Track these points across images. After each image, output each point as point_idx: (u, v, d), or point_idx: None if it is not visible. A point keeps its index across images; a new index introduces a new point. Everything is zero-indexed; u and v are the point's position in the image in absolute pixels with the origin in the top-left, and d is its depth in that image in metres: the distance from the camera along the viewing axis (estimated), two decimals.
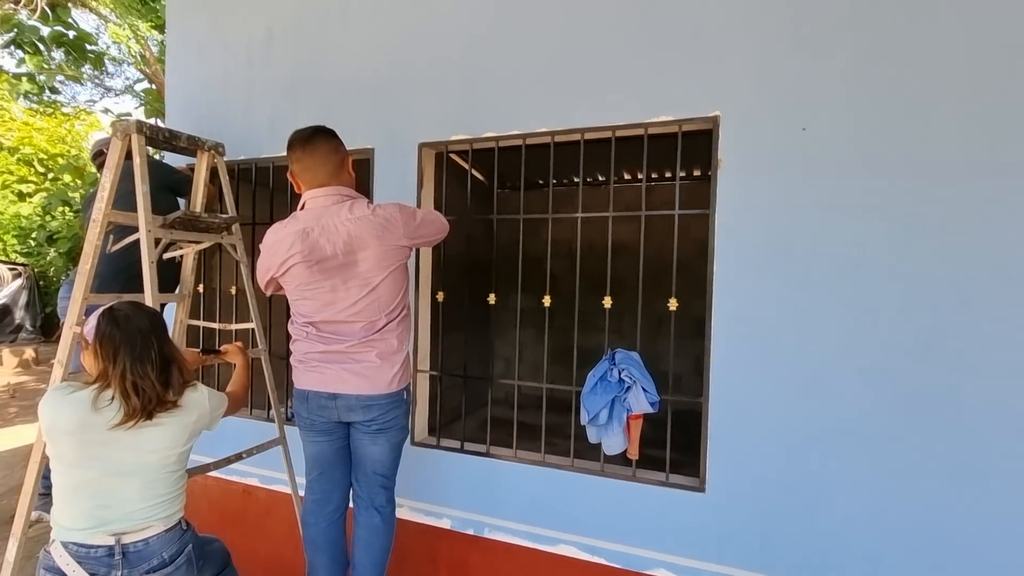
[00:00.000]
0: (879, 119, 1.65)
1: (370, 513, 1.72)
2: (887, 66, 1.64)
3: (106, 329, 1.28)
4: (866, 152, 1.66)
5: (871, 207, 1.65)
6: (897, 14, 1.64)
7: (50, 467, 1.30)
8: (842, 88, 1.69)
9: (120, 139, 1.81)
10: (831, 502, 1.69)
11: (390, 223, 1.64)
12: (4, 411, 6.48)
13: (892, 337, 1.63)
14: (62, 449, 1.24)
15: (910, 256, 1.61)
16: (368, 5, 2.39)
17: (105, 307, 1.35)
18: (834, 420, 1.68)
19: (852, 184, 1.67)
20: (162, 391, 1.30)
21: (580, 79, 2.01)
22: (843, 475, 1.67)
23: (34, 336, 11.20)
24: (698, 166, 4.15)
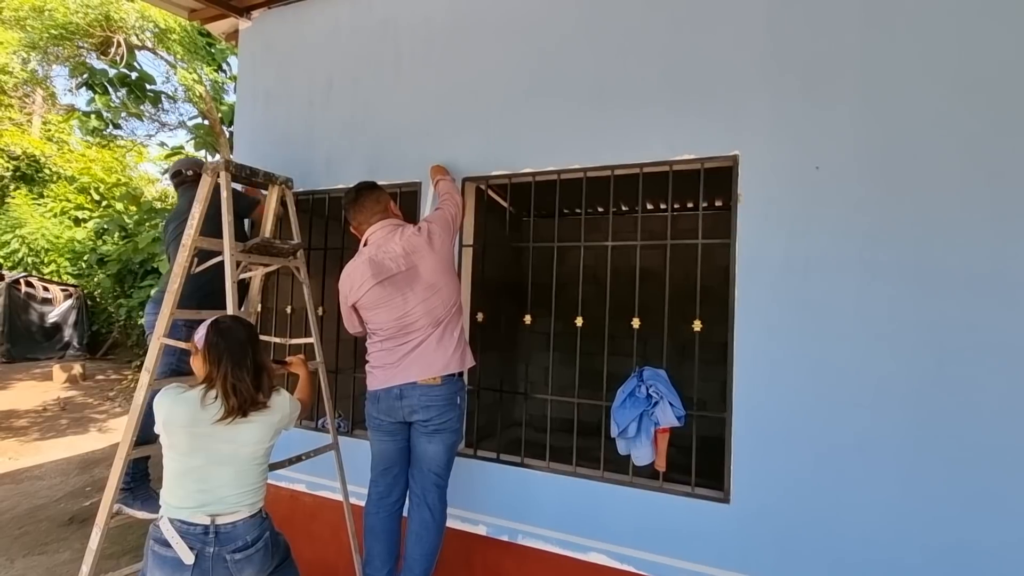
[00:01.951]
0: (886, 157, 1.82)
1: (423, 510, 1.92)
2: (892, 110, 1.82)
3: (213, 338, 1.52)
4: (874, 188, 1.82)
5: (881, 238, 1.80)
6: (901, 63, 1.82)
7: (164, 455, 1.51)
8: (851, 131, 1.87)
9: (210, 175, 2.09)
10: (851, 515, 1.79)
11: (432, 231, 2.05)
12: (56, 423, 6.87)
13: (906, 357, 1.75)
14: (176, 440, 1.47)
15: (919, 281, 1.75)
16: (419, 59, 2.69)
17: (212, 319, 1.59)
18: (851, 436, 1.80)
19: (862, 217, 1.83)
20: (255, 393, 1.52)
21: (610, 122, 2.24)
22: (861, 490, 1.78)
23: (81, 353, 11.81)
24: (720, 197, 4.31)
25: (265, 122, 3.14)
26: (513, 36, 2.47)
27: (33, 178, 13.55)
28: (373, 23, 2.83)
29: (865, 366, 1.79)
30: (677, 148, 2.12)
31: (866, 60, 1.87)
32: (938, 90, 1.77)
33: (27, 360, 10.91)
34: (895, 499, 1.74)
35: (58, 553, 3.31)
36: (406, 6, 2.75)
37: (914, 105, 1.80)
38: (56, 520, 3.82)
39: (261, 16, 3.22)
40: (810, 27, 1.95)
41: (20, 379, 9.36)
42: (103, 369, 10.63)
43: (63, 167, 13.80)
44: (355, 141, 2.83)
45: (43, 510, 4.02)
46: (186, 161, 2.82)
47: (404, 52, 2.73)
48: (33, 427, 6.59)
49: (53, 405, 7.70)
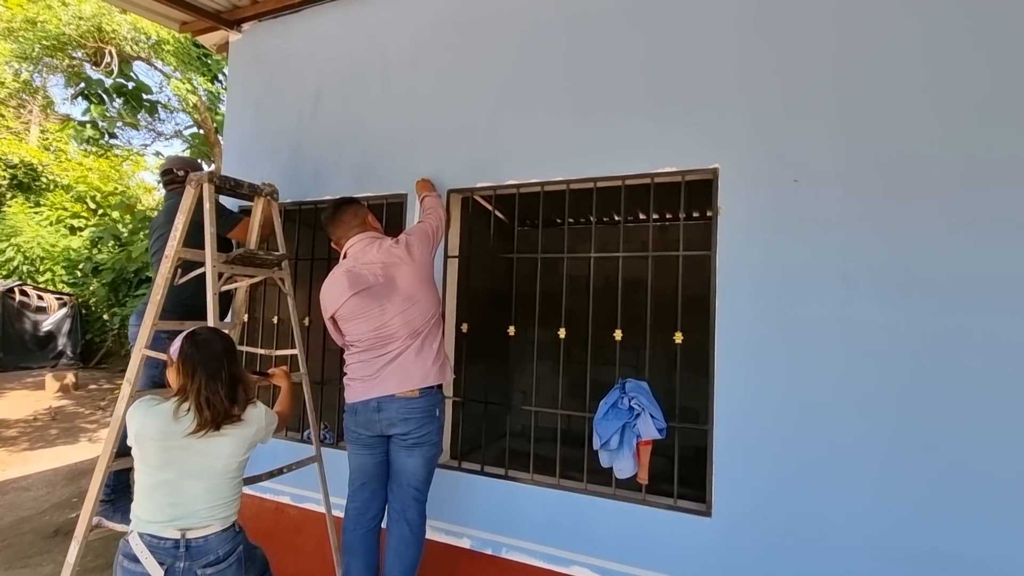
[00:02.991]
0: (863, 168, 1.83)
1: (402, 525, 1.90)
2: (869, 121, 1.84)
3: (188, 350, 1.51)
4: (852, 199, 1.84)
5: (860, 248, 1.81)
6: (878, 74, 1.84)
7: (135, 468, 1.50)
8: (829, 143, 1.89)
9: (194, 187, 2.10)
10: (833, 528, 1.78)
11: (411, 243, 2.05)
12: (46, 433, 6.82)
13: (886, 367, 1.76)
14: (147, 452, 1.45)
15: (899, 291, 1.76)
16: (405, 72, 2.71)
17: (188, 331, 1.58)
18: (833, 447, 1.80)
19: (841, 228, 1.84)
20: (229, 406, 1.51)
21: (593, 135, 2.25)
22: (844, 501, 1.77)
23: (74, 362, 11.74)
24: (702, 208, 4.34)
25: (255, 133, 3.15)
26: (498, 51, 2.50)
27: (30, 186, 13.56)
28: (361, 37, 2.85)
29: (846, 376, 1.80)
30: (659, 161, 2.13)
31: (843, 72, 1.89)
32: (915, 101, 1.79)
33: (20, 369, 10.84)
34: (878, 510, 1.73)
35: (41, 567, 3.26)
36: (393, 21, 2.78)
37: (891, 116, 1.82)
38: (41, 532, 3.78)
39: (251, 29, 3.25)
40: (788, 40, 1.98)
41: (12, 388, 9.30)
42: (96, 378, 10.57)
43: (60, 176, 13.82)
44: (343, 152, 2.84)
45: (28, 522, 3.98)
46: (177, 160, 2.75)
47: (391, 65, 2.75)
48: (22, 437, 6.53)
49: (44, 415, 7.65)
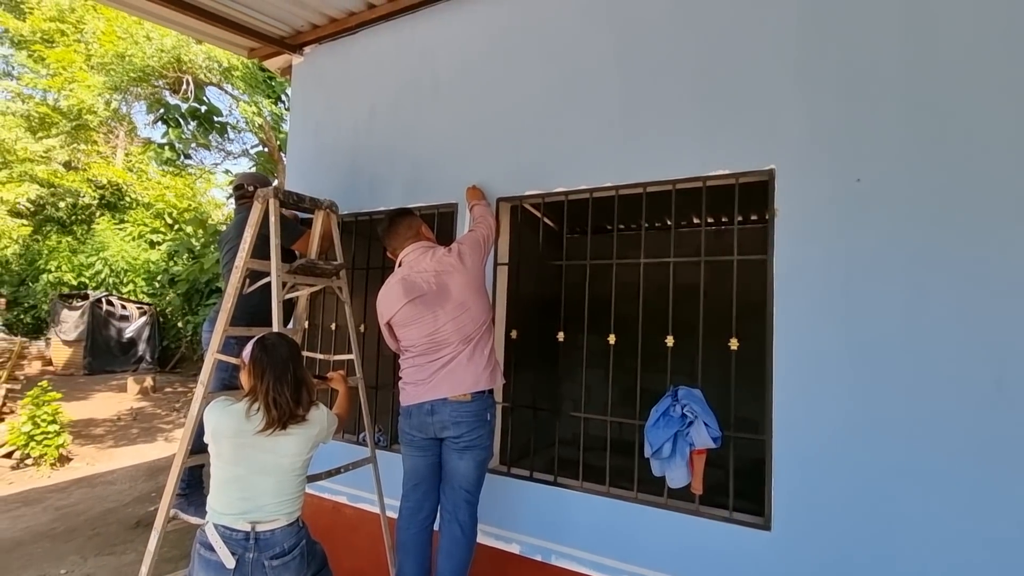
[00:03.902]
0: (932, 165, 1.72)
1: (453, 526, 1.95)
2: (939, 118, 1.73)
3: (258, 354, 1.63)
4: (920, 199, 1.73)
5: (930, 253, 1.70)
6: (947, 69, 1.73)
7: (211, 463, 1.62)
8: (895, 140, 1.79)
9: (261, 202, 2.24)
10: (903, 548, 1.67)
11: (463, 251, 2.12)
12: (128, 431, 7.40)
13: (962, 378, 1.63)
14: (222, 449, 1.57)
15: (974, 297, 1.64)
16: (455, 85, 2.80)
17: (259, 337, 1.70)
18: (903, 462, 1.69)
19: (909, 230, 1.74)
20: (294, 407, 1.61)
21: (642, 140, 2.24)
22: (915, 520, 1.66)
23: (152, 367, 12.71)
24: (757, 212, 4.18)
25: (315, 150, 3.34)
26: (545, 60, 2.53)
27: (116, 205, 14.88)
28: (412, 53, 2.97)
29: (916, 387, 1.69)
30: (711, 164, 2.09)
31: (908, 64, 1.79)
32: (989, 92, 1.68)
33: (105, 372, 11.85)
34: (953, 531, 1.61)
35: (124, 554, 3.54)
36: (442, 36, 2.87)
37: (963, 109, 1.70)
38: (124, 523, 4.10)
39: (312, 52, 3.45)
40: (845, 35, 1.90)
41: (99, 390, 10.16)
42: (171, 382, 11.39)
43: (142, 194, 15.09)
44: (395, 165, 2.96)
45: (113, 513, 4.33)
46: (248, 176, 2.94)
47: (442, 80, 2.85)
48: (108, 435, 7.12)
49: (126, 415, 8.31)
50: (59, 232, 14.19)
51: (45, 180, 12.85)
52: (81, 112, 11.78)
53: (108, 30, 8.96)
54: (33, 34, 12.47)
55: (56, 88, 12.37)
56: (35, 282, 13.14)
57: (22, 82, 13.26)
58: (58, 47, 11.93)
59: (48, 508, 4.41)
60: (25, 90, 13.26)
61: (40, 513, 4.29)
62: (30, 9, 12.34)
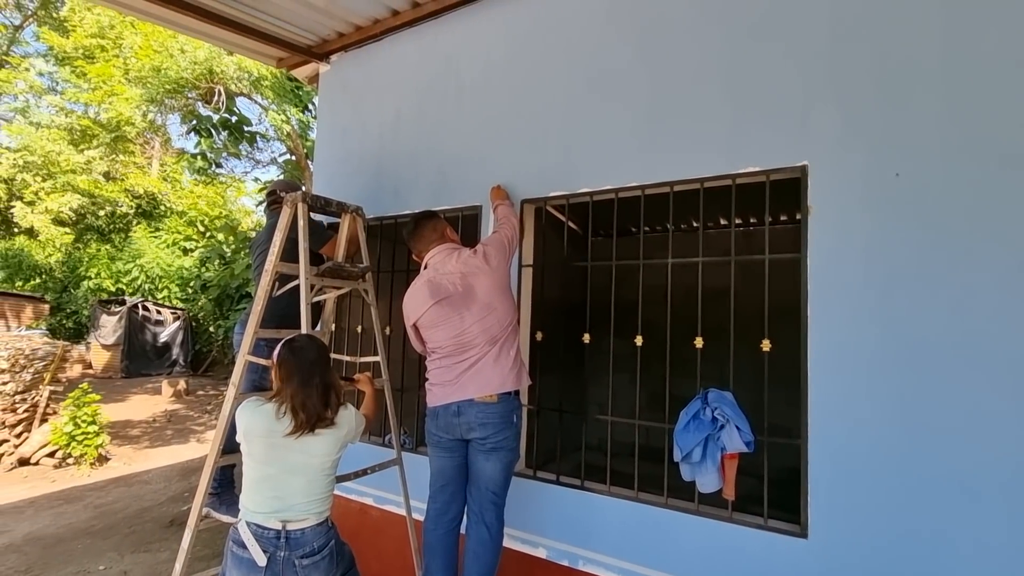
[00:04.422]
0: (977, 158, 1.65)
1: (480, 528, 1.94)
2: (986, 108, 1.66)
3: (284, 355, 1.65)
4: (965, 194, 1.66)
5: (977, 248, 1.63)
6: (993, 56, 1.66)
7: (243, 463, 1.65)
8: (936, 132, 1.72)
9: (290, 206, 2.28)
10: (950, 557, 1.58)
11: (488, 253, 2.12)
12: (163, 433, 7.63)
13: (1010, 383, 1.55)
14: (254, 448, 1.59)
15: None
16: (478, 88, 2.81)
17: (288, 338, 1.73)
18: (952, 467, 1.60)
19: (954, 225, 1.66)
20: (322, 410, 1.62)
21: (668, 138, 2.21)
22: (964, 528, 1.57)
23: (186, 370, 13.09)
24: (789, 211, 4.08)
25: (342, 155, 3.39)
26: (568, 60, 2.52)
27: (151, 213, 15.45)
28: (436, 58, 3.00)
29: (960, 392, 1.61)
30: (740, 161, 2.04)
31: (950, 53, 1.72)
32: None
33: (141, 376, 12.25)
34: (1007, 542, 1.52)
35: (159, 552, 3.64)
36: (466, 40, 2.89)
37: (1005, 99, 1.62)
38: (159, 522, 4.22)
39: (338, 59, 3.52)
40: (880, 26, 1.83)
41: (135, 392, 10.51)
42: (203, 385, 11.70)
43: (175, 203, 15.63)
44: (420, 169, 2.98)
45: (149, 512, 4.45)
46: (282, 183, 2.95)
47: (465, 83, 2.86)
48: (144, 436, 7.35)
49: (160, 417, 8.56)
50: (99, 240, 14.79)
51: (86, 190, 13.43)
52: (120, 124, 12.30)
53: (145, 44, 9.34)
54: (75, 50, 13.09)
55: (96, 102, 12.95)
56: (76, 288, 13.71)
57: (65, 97, 13.91)
58: (98, 62, 12.49)
59: (88, 506, 4.57)
60: (68, 104, 13.91)
61: (80, 511, 4.45)
62: (73, 27, 12.96)
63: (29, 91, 14.84)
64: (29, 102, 14.67)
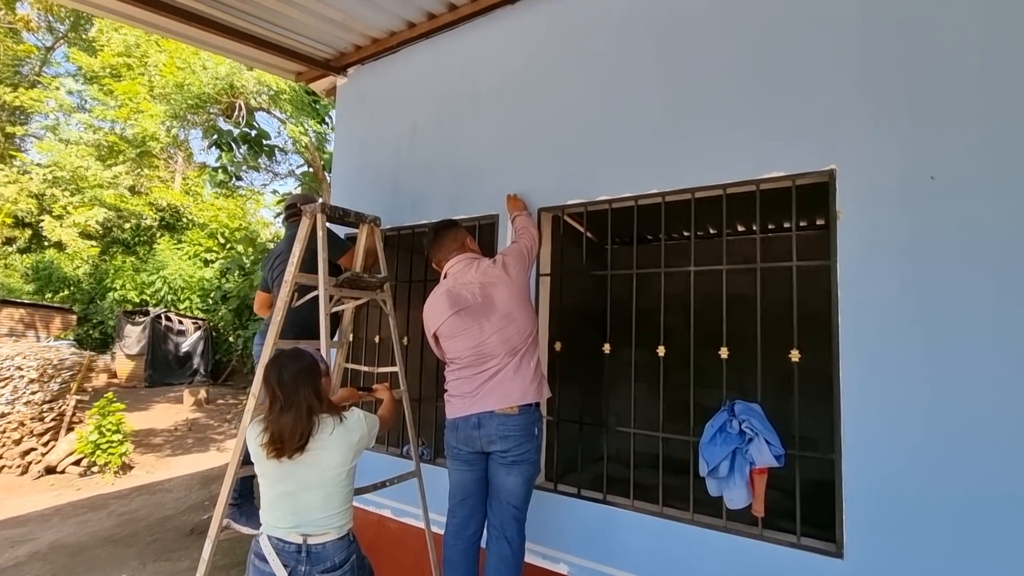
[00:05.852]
0: (1017, 159, 1.58)
1: (501, 543, 1.89)
2: (1019, 105, 1.59)
3: (268, 373, 1.61)
4: (1006, 196, 1.58)
5: (1018, 253, 1.55)
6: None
7: (259, 482, 1.63)
8: (972, 132, 1.65)
9: (309, 217, 2.29)
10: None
11: (507, 263, 2.10)
12: (184, 441, 7.72)
13: None
14: (265, 468, 1.58)
15: None
16: (495, 98, 2.80)
17: (274, 354, 1.70)
18: (1002, 481, 1.52)
19: (995, 228, 1.59)
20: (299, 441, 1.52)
21: (689, 143, 2.17)
22: (1015, 548, 1.49)
23: (206, 380, 13.29)
24: (817, 216, 3.99)
25: (359, 167, 3.41)
26: (585, 67, 2.50)
27: (174, 226, 15.81)
28: (452, 68, 3.00)
29: (1008, 400, 1.53)
30: (764, 166, 1.99)
31: (981, 52, 1.66)
32: None
33: (164, 385, 12.47)
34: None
35: (180, 561, 3.66)
36: (481, 49, 2.89)
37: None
38: (180, 530, 4.25)
39: (355, 72, 3.55)
40: (912, 23, 1.78)
41: (158, 401, 10.69)
42: (223, 394, 11.86)
43: (197, 216, 15.98)
44: (437, 179, 2.98)
45: (170, 520, 4.49)
46: (300, 196, 2.98)
47: (481, 93, 2.86)
48: (166, 444, 7.45)
49: (182, 425, 8.68)
50: (124, 252, 15.17)
51: (112, 204, 13.81)
52: (145, 140, 12.64)
53: (169, 62, 9.60)
54: (103, 69, 13.53)
55: (123, 118, 13.34)
56: (102, 300, 14.05)
57: (93, 114, 14.37)
58: (124, 80, 12.88)
59: (112, 514, 4.63)
60: (96, 122, 14.36)
61: (104, 518, 4.50)
62: (101, 47, 13.41)
63: (59, 109, 15.37)
64: (59, 120, 15.19)
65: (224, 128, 9.39)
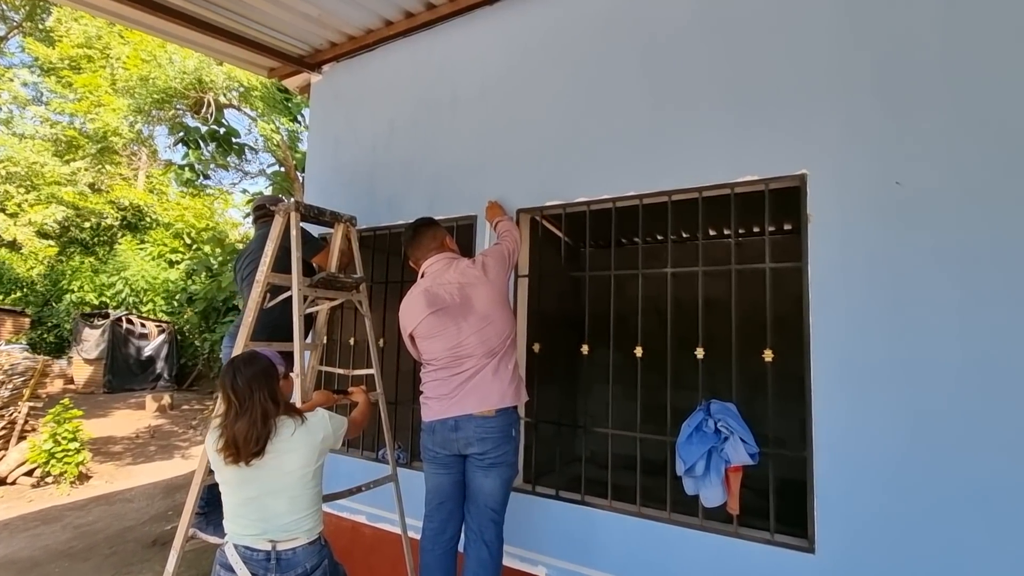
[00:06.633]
0: (981, 166, 1.65)
1: (479, 546, 1.87)
2: (981, 113, 1.66)
3: (223, 378, 1.56)
4: (970, 202, 1.65)
5: (983, 253, 1.62)
6: (989, 61, 1.67)
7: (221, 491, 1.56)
8: (935, 139, 1.72)
9: (282, 216, 2.23)
10: (963, 571, 1.55)
11: (487, 264, 2.08)
12: (146, 449, 7.42)
13: (1021, 390, 1.54)
14: (226, 476, 1.52)
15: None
16: (473, 98, 2.79)
17: (230, 359, 1.64)
18: (966, 478, 1.58)
19: (959, 232, 1.66)
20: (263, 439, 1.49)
21: (666, 146, 2.19)
22: (981, 541, 1.54)
23: (170, 384, 12.81)
24: (789, 220, 4.10)
25: (334, 166, 3.35)
26: (565, 69, 2.51)
27: (136, 226, 15.22)
28: (430, 68, 2.98)
29: (971, 402, 1.59)
30: (739, 170, 2.04)
31: (950, 61, 1.73)
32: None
33: (125, 391, 11.95)
34: (1018, 552, 1.49)
35: (142, 574, 3.50)
36: (461, 49, 2.88)
37: (1006, 103, 1.63)
38: (141, 542, 4.07)
39: (331, 69, 3.49)
40: (881, 30, 1.84)
41: (118, 408, 10.24)
42: (188, 399, 11.45)
43: (161, 215, 15.43)
44: (414, 179, 2.95)
45: (131, 532, 4.30)
46: (269, 198, 2.94)
47: (460, 92, 2.84)
48: (127, 453, 7.14)
49: (144, 433, 8.34)
50: (82, 253, 14.52)
51: (71, 202, 13.21)
52: (106, 135, 12.15)
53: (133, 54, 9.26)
54: (61, 61, 12.96)
55: (82, 112, 12.80)
56: (58, 302, 13.41)
57: (50, 107, 13.74)
58: (85, 73, 12.37)
59: (67, 526, 4.40)
60: (53, 115, 13.74)
61: (59, 531, 4.28)
62: (59, 37, 12.85)
63: (13, 102, 14.64)
64: (13, 113, 14.48)
65: (191, 125, 9.10)
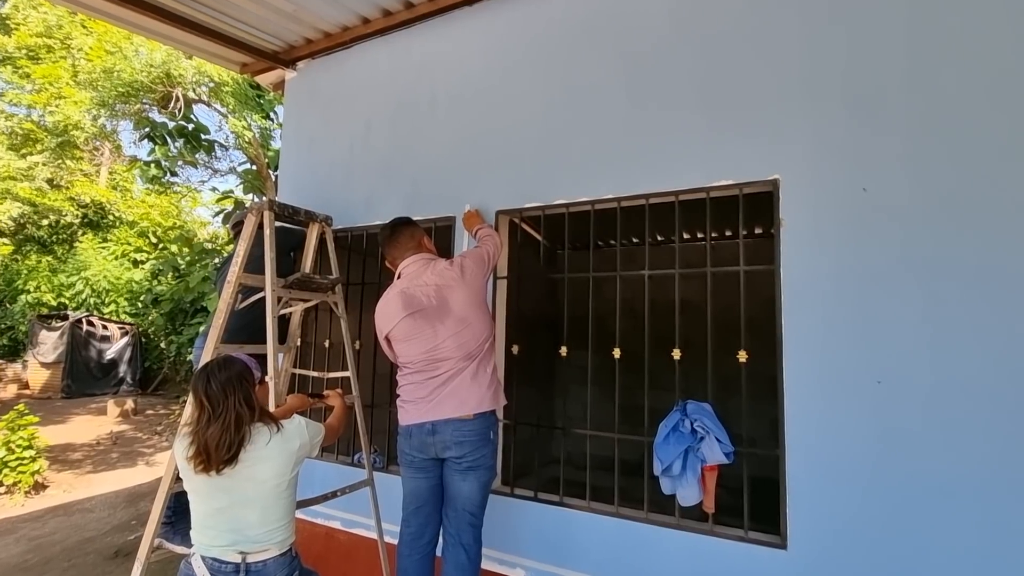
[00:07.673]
0: (944, 177, 1.72)
1: (457, 551, 1.85)
2: (945, 127, 1.74)
3: (196, 383, 1.51)
4: (931, 209, 1.72)
5: (943, 260, 1.69)
6: (952, 74, 1.74)
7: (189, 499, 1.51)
8: (900, 148, 1.78)
9: (255, 214, 2.18)
10: (933, 565, 1.61)
11: (465, 265, 2.06)
12: (108, 456, 7.12)
13: (983, 393, 1.60)
14: (196, 484, 1.47)
15: (992, 310, 1.62)
16: (453, 98, 2.77)
17: (204, 364, 1.59)
18: (930, 475, 1.64)
19: (920, 239, 1.73)
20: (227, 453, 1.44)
21: (644, 151, 2.22)
22: (945, 535, 1.61)
23: (134, 389, 12.33)
24: (762, 224, 4.20)
25: (309, 165, 3.28)
26: (544, 71, 2.52)
27: (98, 224, 14.60)
28: (409, 67, 2.95)
29: (935, 402, 1.65)
30: (714, 174, 2.08)
31: (914, 75, 1.80)
32: (994, 97, 1.68)
33: (85, 396, 11.46)
34: (989, 549, 1.56)
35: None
36: (440, 49, 2.86)
37: (967, 115, 1.71)
38: (103, 553, 3.90)
39: (305, 66, 3.42)
40: (853, 45, 1.90)
41: (77, 413, 9.81)
42: (153, 404, 11.04)
43: (125, 213, 14.85)
44: (392, 179, 2.91)
45: (91, 543, 4.11)
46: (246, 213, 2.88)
47: (439, 93, 2.82)
48: (87, 460, 6.84)
49: (106, 439, 8.00)
50: (39, 251, 13.86)
51: (27, 198, 12.60)
52: (67, 128, 11.64)
53: (97, 45, 8.90)
54: (18, 50, 12.36)
55: (41, 104, 12.23)
56: (12, 303, 12.77)
57: (5, 98, 13.08)
58: (44, 63, 11.83)
59: (21, 539, 4.19)
60: (8, 107, 13.09)
61: (12, 544, 4.07)
62: (16, 25, 12.25)
63: None
64: None
65: (158, 120, 8.78)
